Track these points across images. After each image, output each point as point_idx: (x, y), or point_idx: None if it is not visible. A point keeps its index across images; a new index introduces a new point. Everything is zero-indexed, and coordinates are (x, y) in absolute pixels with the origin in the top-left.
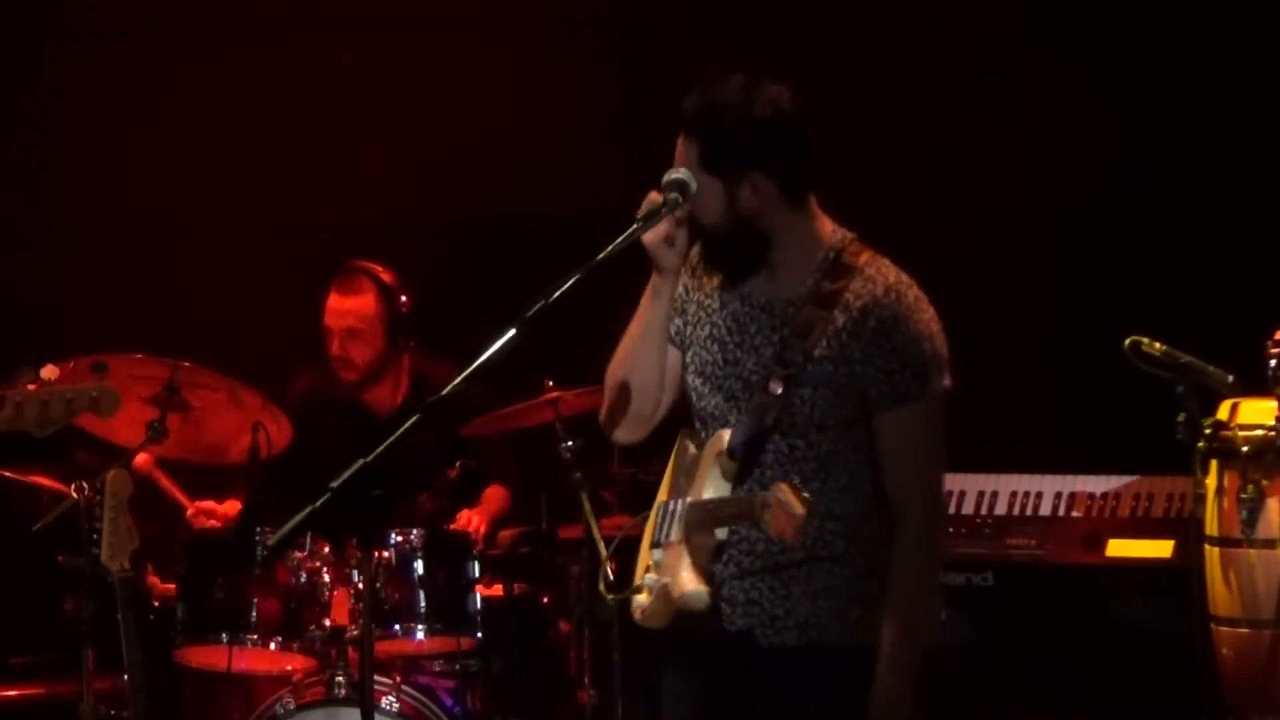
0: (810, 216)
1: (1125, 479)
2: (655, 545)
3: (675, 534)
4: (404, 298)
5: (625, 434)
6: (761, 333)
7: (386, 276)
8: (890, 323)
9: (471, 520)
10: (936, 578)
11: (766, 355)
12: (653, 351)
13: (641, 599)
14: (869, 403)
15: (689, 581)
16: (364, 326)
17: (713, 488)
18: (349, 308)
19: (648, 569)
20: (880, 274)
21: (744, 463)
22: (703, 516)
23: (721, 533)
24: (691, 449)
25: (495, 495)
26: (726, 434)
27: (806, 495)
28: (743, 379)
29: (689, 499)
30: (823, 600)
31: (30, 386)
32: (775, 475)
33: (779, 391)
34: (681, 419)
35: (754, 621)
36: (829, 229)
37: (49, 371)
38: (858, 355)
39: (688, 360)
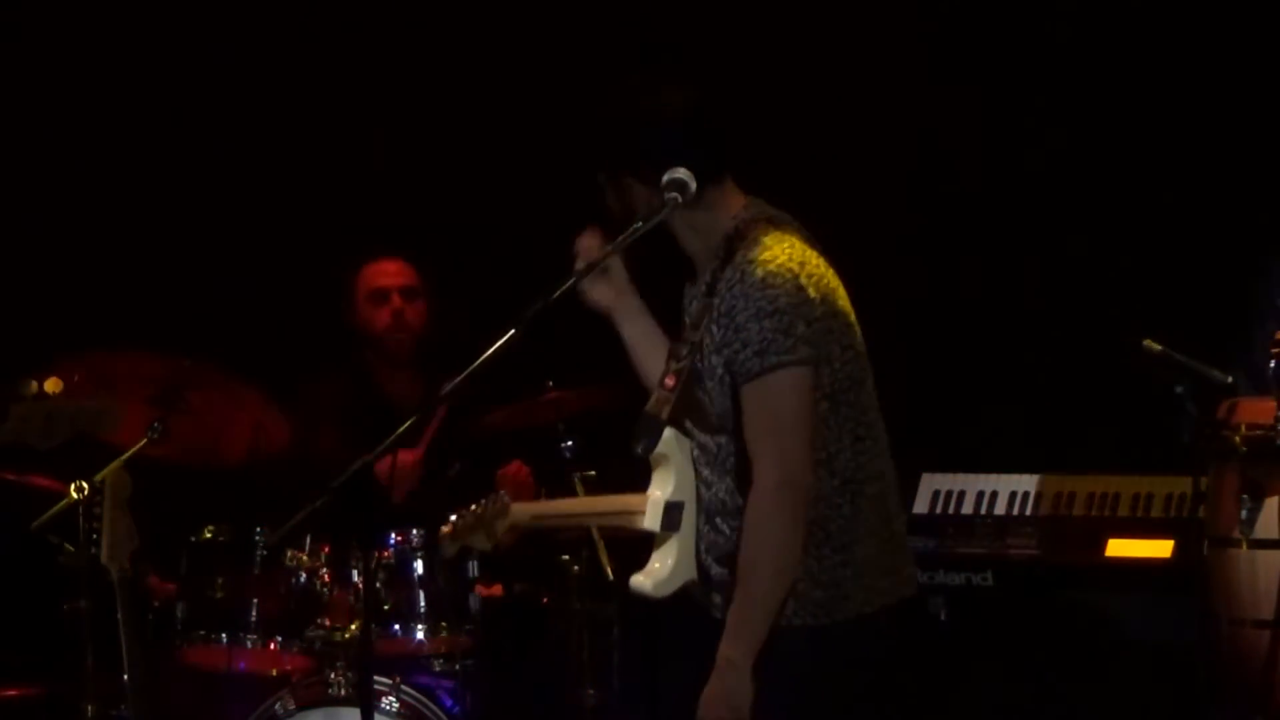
0: (707, 208)
1: (1125, 479)
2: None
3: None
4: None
5: None
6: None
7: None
8: (734, 302)
9: (522, 470)
10: (783, 554)
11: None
12: (644, 365)
13: (640, 580)
14: (737, 382)
15: (672, 566)
16: (416, 285)
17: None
18: (398, 269)
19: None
20: (742, 254)
21: (655, 462)
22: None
23: None
24: None
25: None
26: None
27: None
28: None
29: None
30: None
31: (34, 399)
32: (711, 476)
33: (670, 385)
34: None
35: (721, 604)
36: (728, 215)
37: (53, 384)
38: (718, 339)
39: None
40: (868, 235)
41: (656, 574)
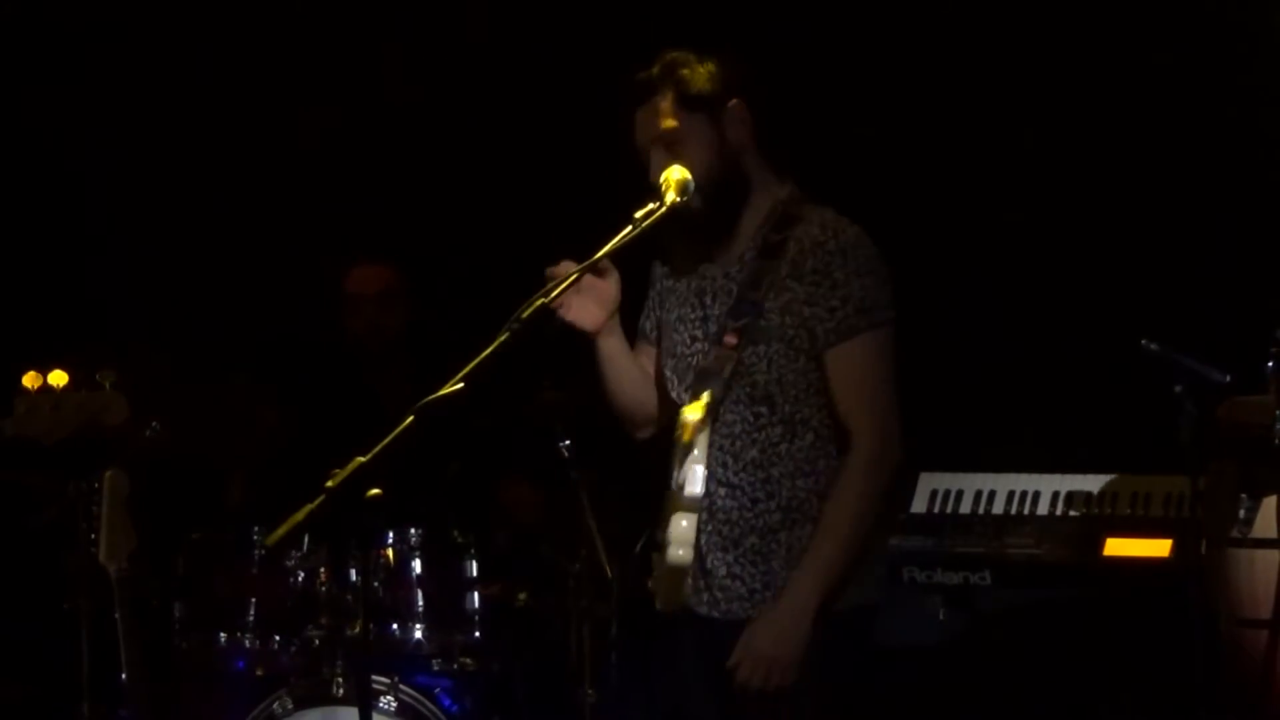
0: (767, 168)
1: (1123, 478)
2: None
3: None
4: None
5: (641, 434)
6: (718, 298)
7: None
8: (829, 260)
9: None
10: (863, 529)
11: (723, 314)
12: (620, 378)
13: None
14: (817, 344)
15: (677, 547)
16: (392, 291)
17: (688, 464)
18: (375, 275)
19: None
20: (818, 216)
21: (712, 422)
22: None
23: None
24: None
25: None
26: (696, 408)
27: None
28: (707, 350)
29: (675, 481)
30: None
31: (39, 392)
32: (743, 445)
33: (733, 343)
34: None
35: (735, 595)
36: (776, 182)
37: (57, 377)
38: (802, 297)
39: (662, 350)
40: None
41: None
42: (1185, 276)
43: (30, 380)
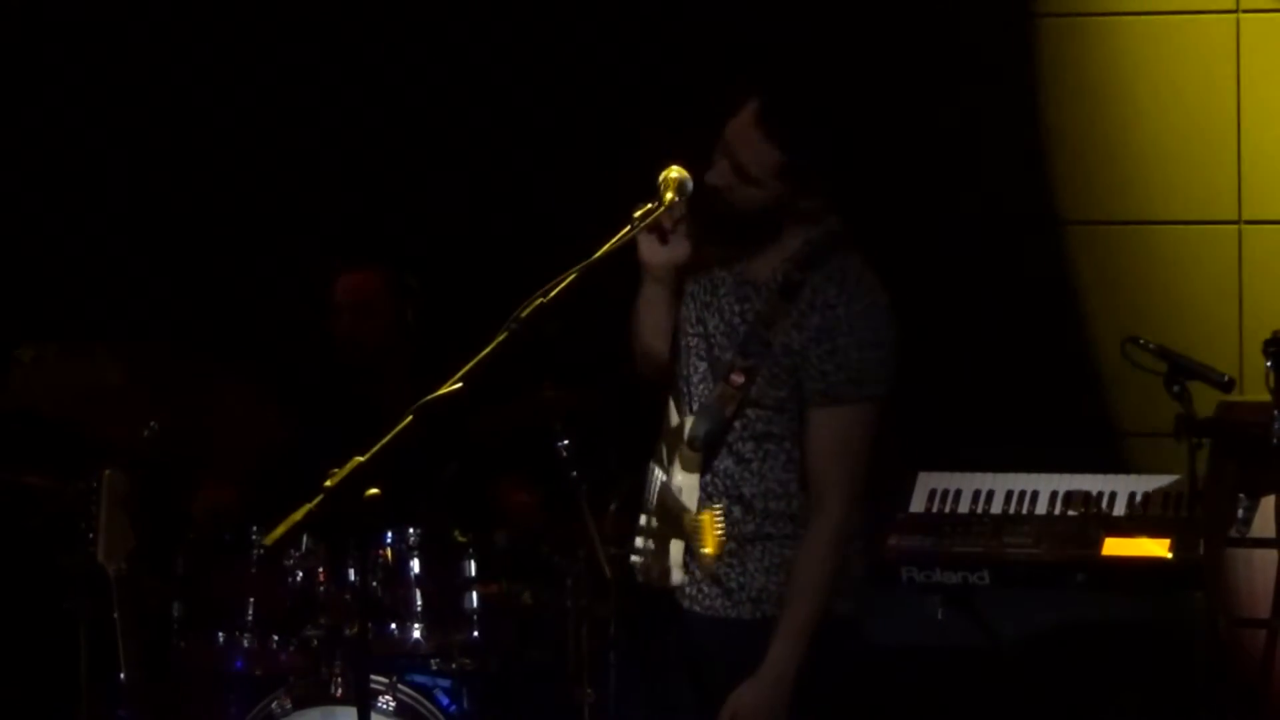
0: (807, 208)
1: (1121, 477)
2: (644, 510)
3: (654, 504)
4: (412, 283)
5: (642, 372)
6: (732, 307)
7: (393, 261)
8: (834, 324)
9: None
10: (832, 579)
11: (730, 335)
12: (648, 323)
13: (637, 560)
14: (803, 396)
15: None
16: (374, 301)
17: (679, 473)
18: (357, 283)
19: (640, 531)
20: (841, 272)
21: (705, 453)
22: (669, 502)
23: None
24: (674, 418)
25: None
26: (689, 424)
27: (721, 534)
28: (713, 354)
29: (664, 479)
30: (774, 576)
31: (33, 363)
32: (746, 451)
33: (740, 383)
34: None
35: (715, 593)
36: (815, 215)
37: (51, 348)
38: (797, 347)
39: (680, 325)
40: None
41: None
42: (1183, 276)
43: (23, 353)
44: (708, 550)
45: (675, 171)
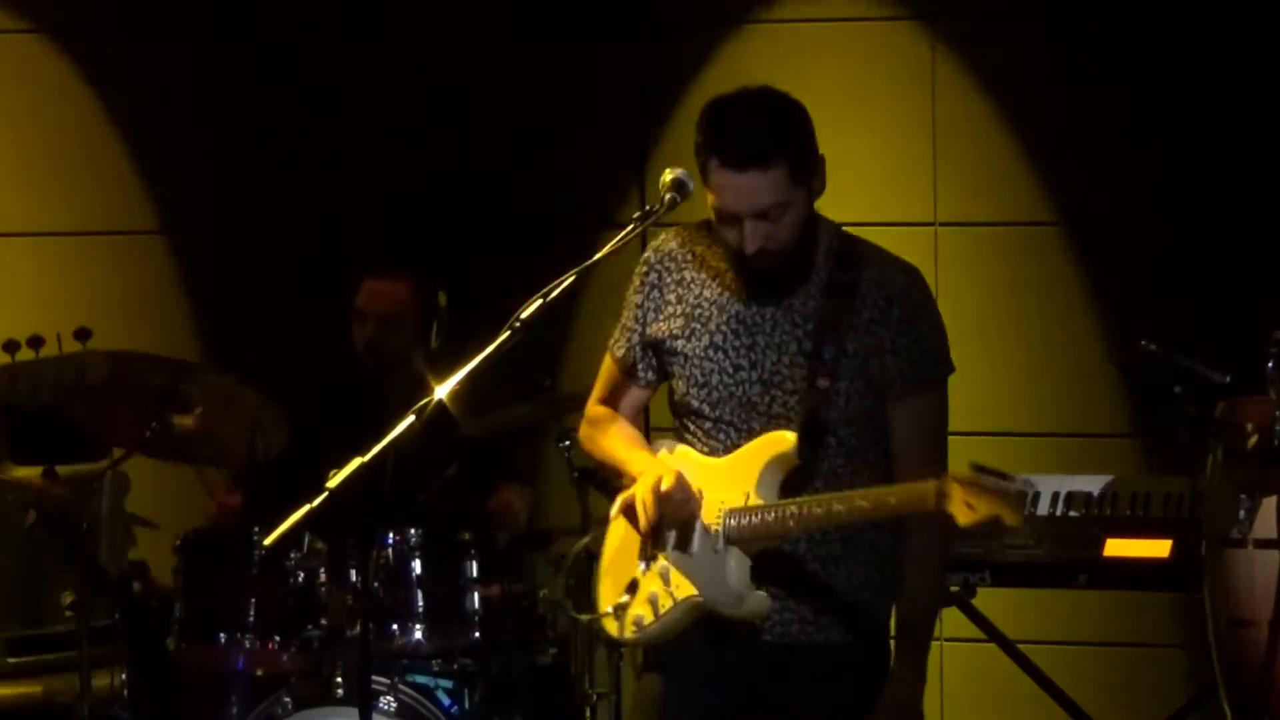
0: (814, 207)
1: (1123, 478)
2: (650, 558)
3: (702, 544)
4: (442, 294)
5: None
6: (780, 329)
7: (424, 269)
8: (915, 310)
9: (512, 503)
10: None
11: (792, 351)
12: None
13: (640, 615)
14: (890, 391)
15: (746, 588)
16: (399, 312)
17: (764, 491)
18: (385, 291)
19: (631, 586)
20: (893, 261)
21: (806, 463)
22: (768, 521)
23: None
24: (693, 456)
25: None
26: (789, 435)
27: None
28: (762, 381)
29: (732, 505)
30: (863, 594)
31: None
32: (805, 476)
33: (826, 386)
34: None
35: (793, 619)
36: (821, 218)
37: (34, 342)
38: (887, 344)
39: (680, 373)
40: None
41: (646, 626)
42: (1185, 276)
43: (8, 349)
44: (1017, 519)
45: (672, 173)
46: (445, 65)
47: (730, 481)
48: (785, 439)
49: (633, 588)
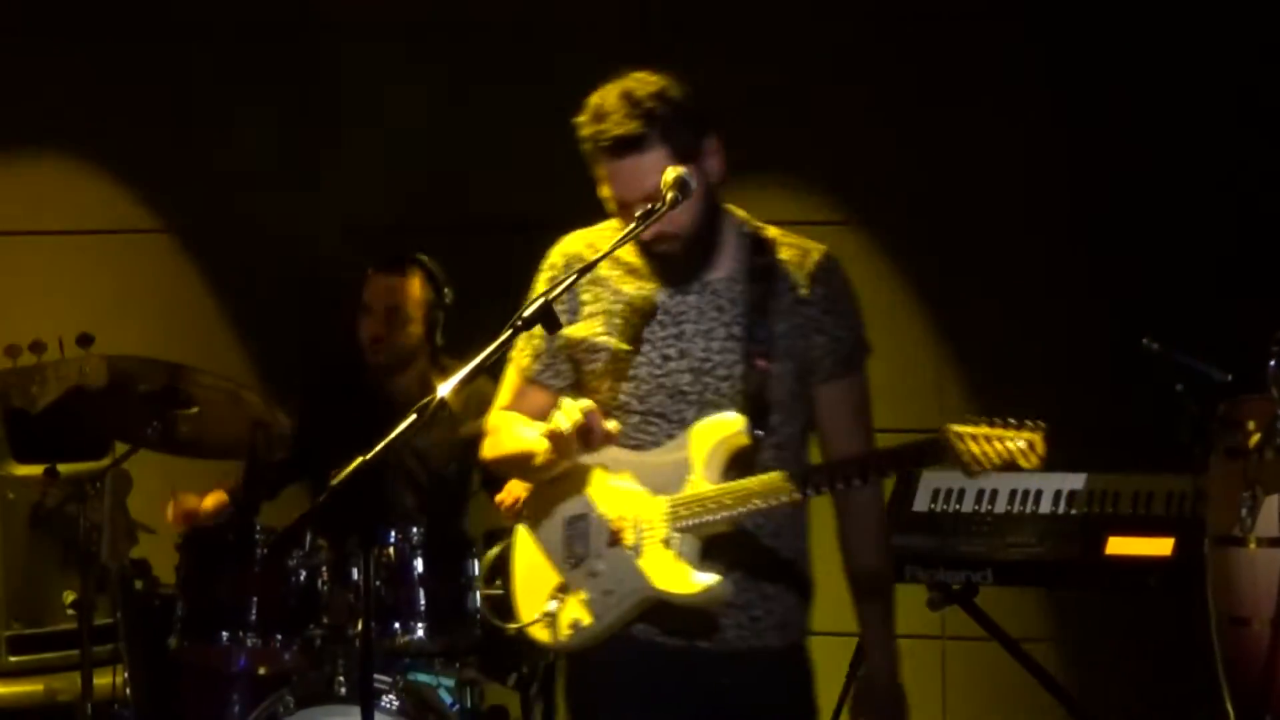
0: (720, 196)
1: (1125, 477)
2: (578, 560)
3: (639, 537)
4: (447, 290)
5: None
6: (705, 316)
7: (433, 266)
8: (837, 290)
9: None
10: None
11: (722, 336)
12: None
13: (576, 618)
14: (814, 373)
15: (697, 576)
16: (407, 308)
17: (710, 475)
18: (394, 286)
19: (561, 589)
20: (804, 244)
21: (753, 444)
22: (719, 505)
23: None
24: (624, 456)
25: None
26: (737, 417)
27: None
28: (693, 369)
29: (676, 494)
30: (793, 597)
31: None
32: (757, 454)
33: (765, 366)
34: None
35: (734, 622)
36: (725, 206)
37: (35, 347)
38: (813, 326)
39: (605, 370)
40: (867, 231)
41: (583, 627)
42: (1185, 276)
43: (9, 353)
44: (1034, 460)
45: (674, 172)
46: (447, 65)
47: (672, 472)
48: (733, 421)
49: (562, 590)
